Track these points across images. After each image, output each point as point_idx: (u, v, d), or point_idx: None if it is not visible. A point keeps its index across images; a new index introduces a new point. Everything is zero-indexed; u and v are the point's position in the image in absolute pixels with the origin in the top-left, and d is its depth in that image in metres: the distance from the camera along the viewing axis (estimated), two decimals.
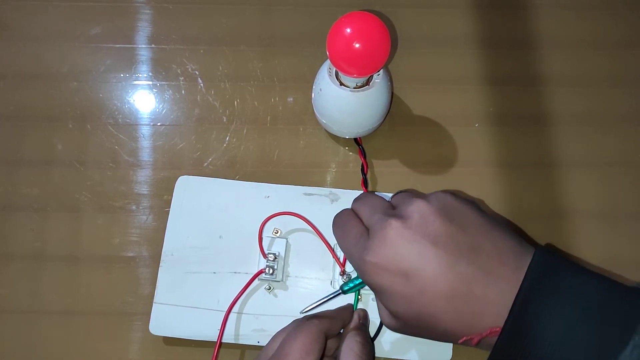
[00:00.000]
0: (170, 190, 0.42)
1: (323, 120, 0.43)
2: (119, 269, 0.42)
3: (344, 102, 0.39)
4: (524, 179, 0.44)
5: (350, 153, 0.45)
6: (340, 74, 0.38)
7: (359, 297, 0.40)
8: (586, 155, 0.45)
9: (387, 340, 0.39)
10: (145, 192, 0.44)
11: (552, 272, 0.29)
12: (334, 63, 0.36)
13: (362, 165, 0.43)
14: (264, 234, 0.41)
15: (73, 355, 0.40)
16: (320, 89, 0.40)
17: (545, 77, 0.47)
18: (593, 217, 0.44)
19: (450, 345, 0.39)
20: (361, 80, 0.38)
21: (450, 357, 0.39)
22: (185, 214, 0.42)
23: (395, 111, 0.46)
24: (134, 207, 0.43)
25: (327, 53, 0.36)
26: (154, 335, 0.40)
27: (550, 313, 0.28)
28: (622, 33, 0.47)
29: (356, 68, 0.35)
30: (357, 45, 0.34)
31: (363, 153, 0.44)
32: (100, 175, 0.44)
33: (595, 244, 0.43)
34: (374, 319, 0.39)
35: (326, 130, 0.44)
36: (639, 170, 0.45)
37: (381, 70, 0.38)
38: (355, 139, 0.44)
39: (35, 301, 0.41)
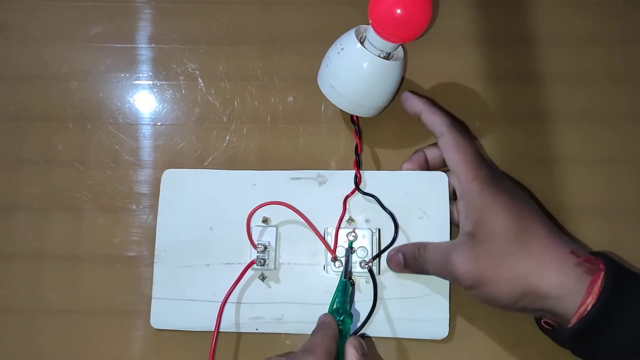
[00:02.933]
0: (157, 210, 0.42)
1: (332, 84, 0.41)
2: (119, 268, 0.42)
3: (367, 67, 0.39)
4: (524, 176, 0.44)
5: (350, 153, 0.45)
6: (370, 39, 0.39)
7: (352, 280, 0.40)
8: (586, 153, 0.45)
9: (385, 321, 0.39)
10: (146, 192, 0.44)
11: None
12: (378, 24, 0.37)
13: (357, 146, 0.43)
14: (253, 223, 0.41)
15: (74, 354, 0.40)
16: (342, 49, 0.40)
17: (545, 74, 0.47)
18: (593, 214, 0.44)
19: (447, 320, 0.40)
20: (387, 50, 0.39)
21: (446, 333, 0.39)
22: (174, 208, 0.42)
23: (395, 109, 0.46)
24: (134, 207, 0.44)
25: (371, 15, 0.37)
26: (154, 333, 0.40)
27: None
28: (622, 30, 0.47)
29: (400, 32, 0.37)
30: (400, 11, 0.36)
31: (359, 133, 0.44)
32: (100, 175, 0.44)
33: (595, 241, 0.43)
34: (362, 300, 0.39)
35: (328, 99, 0.42)
36: (639, 167, 0.45)
37: (400, 47, 0.40)
38: (352, 119, 0.44)
39: (36, 301, 0.42)
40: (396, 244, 0.40)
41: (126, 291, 0.42)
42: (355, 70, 0.39)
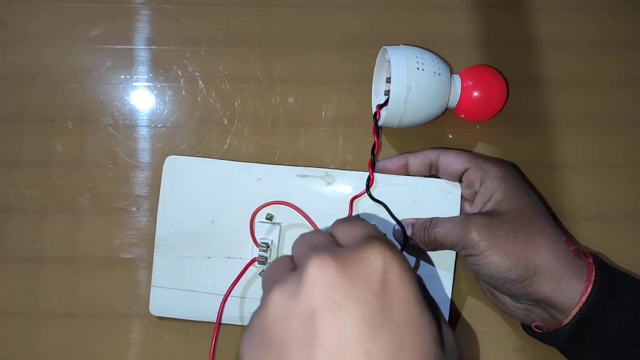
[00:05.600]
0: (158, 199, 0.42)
1: (412, 94, 0.40)
2: (118, 271, 0.42)
3: (442, 97, 0.41)
4: (525, 180, 0.44)
5: (350, 155, 0.45)
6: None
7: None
8: (588, 157, 0.45)
9: None
10: (145, 194, 0.44)
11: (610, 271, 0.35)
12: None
13: (374, 144, 0.41)
14: (257, 219, 0.40)
15: (72, 356, 0.40)
16: (440, 74, 0.40)
17: (546, 78, 0.47)
18: (593, 219, 0.44)
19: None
20: None
21: None
22: (176, 197, 0.41)
23: None
24: (134, 209, 0.43)
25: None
26: (153, 336, 0.40)
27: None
28: (624, 34, 0.47)
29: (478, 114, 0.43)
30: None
31: (377, 131, 0.42)
32: (100, 177, 0.44)
33: (595, 246, 0.43)
34: None
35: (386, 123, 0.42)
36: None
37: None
38: (374, 116, 0.42)
39: (34, 303, 0.41)
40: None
41: (125, 294, 0.42)
42: (439, 95, 0.40)
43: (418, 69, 0.40)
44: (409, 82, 0.39)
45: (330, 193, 0.41)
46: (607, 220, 0.44)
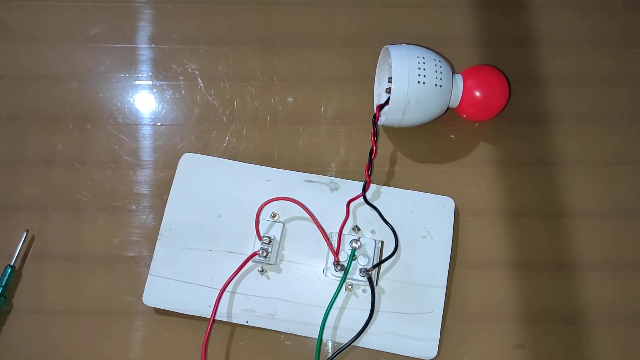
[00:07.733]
0: (170, 191, 0.43)
1: (416, 98, 0.41)
2: (119, 269, 0.42)
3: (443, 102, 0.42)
4: (524, 178, 0.44)
5: (349, 154, 0.45)
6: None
7: (349, 287, 0.40)
8: (586, 154, 0.45)
9: (375, 333, 0.39)
10: (146, 192, 0.44)
11: None
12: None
13: (371, 149, 0.42)
14: (262, 217, 0.41)
15: (74, 354, 0.40)
16: (441, 86, 0.41)
17: (544, 76, 0.47)
18: (593, 216, 0.44)
19: (437, 342, 0.39)
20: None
21: (434, 355, 0.39)
22: (187, 190, 0.43)
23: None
24: (134, 207, 0.44)
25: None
26: (154, 334, 0.40)
27: None
28: (621, 32, 0.47)
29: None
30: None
31: (376, 135, 0.42)
32: (100, 175, 0.44)
33: (594, 243, 0.43)
34: (356, 308, 0.39)
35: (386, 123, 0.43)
36: (639, 169, 0.45)
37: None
38: (373, 119, 0.43)
39: (36, 301, 0.42)
40: (396, 258, 0.40)
41: (126, 292, 0.42)
42: (438, 105, 0.42)
43: (419, 82, 0.40)
44: (409, 96, 0.40)
45: (333, 199, 0.42)
46: (607, 217, 0.44)
